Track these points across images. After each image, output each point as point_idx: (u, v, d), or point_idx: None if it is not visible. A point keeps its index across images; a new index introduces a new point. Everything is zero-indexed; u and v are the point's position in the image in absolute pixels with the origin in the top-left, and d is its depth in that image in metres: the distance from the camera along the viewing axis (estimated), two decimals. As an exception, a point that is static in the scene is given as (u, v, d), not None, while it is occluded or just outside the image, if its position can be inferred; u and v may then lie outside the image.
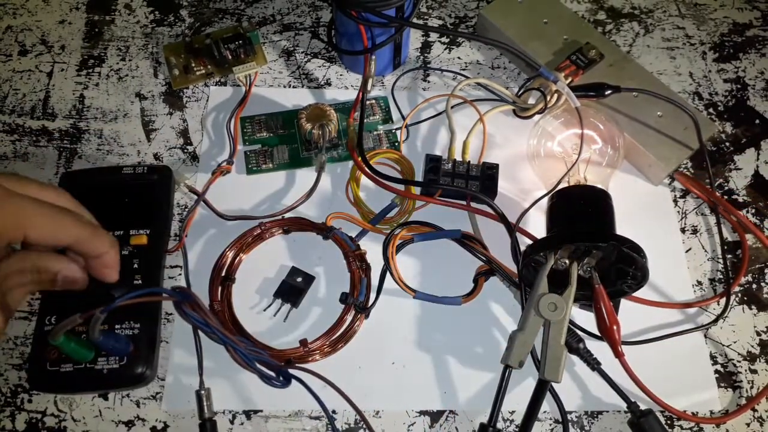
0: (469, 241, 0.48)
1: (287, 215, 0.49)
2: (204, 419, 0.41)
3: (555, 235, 0.44)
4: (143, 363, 0.41)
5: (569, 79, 0.52)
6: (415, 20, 0.54)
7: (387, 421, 0.44)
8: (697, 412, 0.45)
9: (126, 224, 0.45)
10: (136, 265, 0.43)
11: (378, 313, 0.46)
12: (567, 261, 0.43)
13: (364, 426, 0.42)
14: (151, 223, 0.45)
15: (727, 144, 0.57)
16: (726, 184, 0.55)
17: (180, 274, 0.47)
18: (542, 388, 0.41)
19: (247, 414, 0.43)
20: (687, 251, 0.51)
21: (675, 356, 0.47)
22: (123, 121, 0.54)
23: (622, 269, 0.43)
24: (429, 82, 0.58)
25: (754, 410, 0.46)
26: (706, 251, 0.51)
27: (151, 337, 0.42)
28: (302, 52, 0.59)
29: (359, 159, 0.49)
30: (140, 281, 0.43)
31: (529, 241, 0.48)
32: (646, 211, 0.52)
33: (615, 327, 0.42)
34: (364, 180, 0.51)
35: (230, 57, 0.55)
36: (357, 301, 0.45)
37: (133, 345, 0.41)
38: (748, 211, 0.53)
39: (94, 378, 0.40)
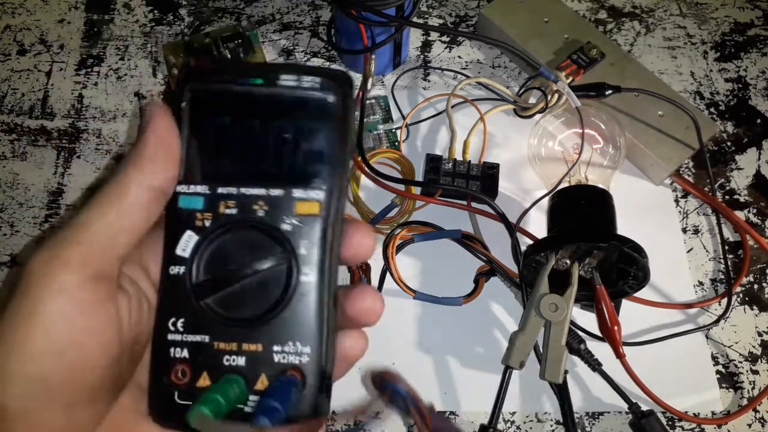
0: (469, 241, 0.48)
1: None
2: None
3: (556, 235, 0.44)
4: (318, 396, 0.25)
5: (570, 79, 0.52)
6: (415, 19, 0.54)
7: (387, 421, 0.43)
8: (699, 413, 0.45)
9: (288, 178, 0.25)
10: (304, 250, 0.24)
11: (378, 313, 0.46)
12: (568, 261, 0.43)
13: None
14: (326, 181, 0.25)
15: (729, 143, 0.56)
16: (727, 183, 0.55)
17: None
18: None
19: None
20: (688, 251, 0.51)
21: (676, 357, 0.46)
22: (122, 121, 0.54)
23: (624, 269, 0.43)
24: (429, 81, 0.58)
25: (756, 411, 0.45)
26: (707, 251, 0.51)
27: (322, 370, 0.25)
28: (302, 51, 0.58)
29: (359, 159, 0.49)
30: (312, 278, 0.24)
31: (530, 241, 0.48)
32: (648, 211, 0.52)
33: (616, 327, 0.42)
34: (364, 180, 0.51)
35: (230, 56, 0.55)
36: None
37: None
38: (749, 211, 0.53)
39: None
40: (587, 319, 0.46)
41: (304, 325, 0.24)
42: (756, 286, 0.50)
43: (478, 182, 0.49)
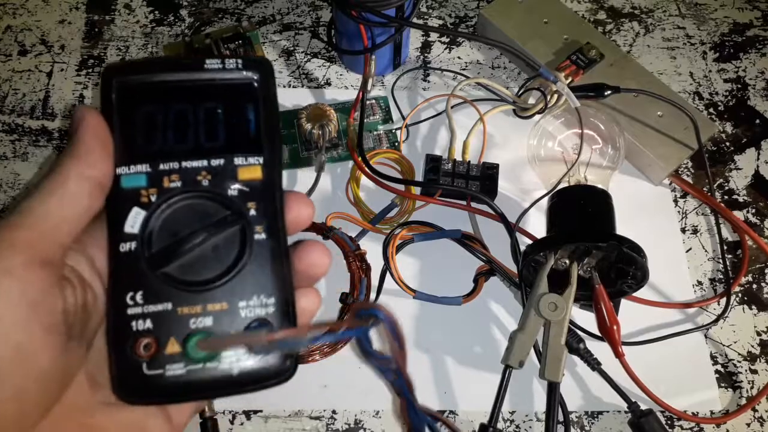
0: (469, 241, 0.48)
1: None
2: (205, 418, 0.41)
3: (555, 235, 0.44)
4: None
5: (569, 79, 0.52)
6: (415, 20, 0.54)
7: (387, 421, 0.44)
8: (698, 412, 0.45)
9: (226, 148, 0.26)
10: (253, 212, 0.26)
11: (378, 313, 0.46)
12: (567, 261, 0.43)
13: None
14: (263, 147, 0.27)
15: (728, 144, 0.57)
16: (726, 184, 0.55)
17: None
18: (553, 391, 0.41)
19: (247, 414, 0.43)
20: (687, 251, 0.51)
21: (675, 356, 0.47)
22: (123, 121, 0.54)
23: (623, 269, 0.43)
24: (429, 81, 0.58)
25: (755, 410, 0.46)
26: (706, 251, 0.51)
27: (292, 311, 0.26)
28: (302, 52, 0.59)
29: (359, 159, 0.49)
30: (263, 234, 0.26)
31: (529, 241, 0.48)
32: (647, 211, 0.52)
33: (615, 327, 0.42)
34: (364, 180, 0.51)
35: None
36: (357, 301, 0.45)
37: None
38: (748, 211, 0.53)
39: (218, 381, 0.25)
40: (586, 319, 0.46)
41: (265, 279, 0.25)
42: (755, 286, 0.50)
43: (477, 182, 0.49)
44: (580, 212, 0.44)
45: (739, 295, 0.50)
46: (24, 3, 0.60)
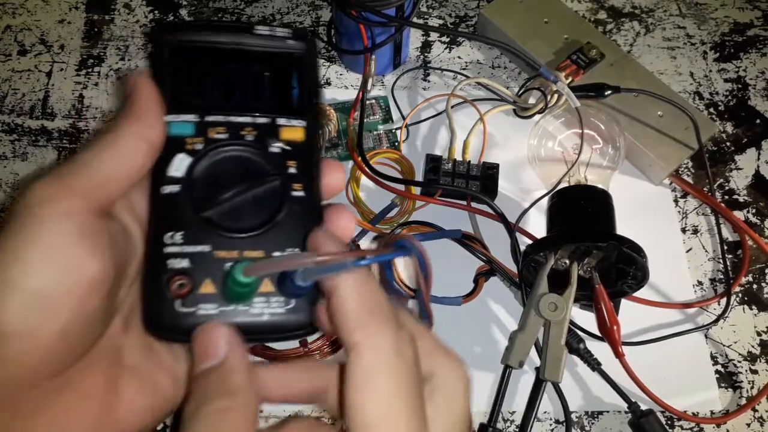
0: (469, 241, 0.48)
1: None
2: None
3: (555, 235, 0.44)
4: (311, 306, 0.26)
5: (570, 79, 0.52)
6: (415, 20, 0.54)
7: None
8: (698, 413, 0.45)
9: (270, 109, 0.28)
10: (293, 170, 0.27)
11: (378, 313, 0.46)
12: (567, 261, 0.43)
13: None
14: (305, 112, 0.28)
15: (728, 144, 0.57)
16: (726, 184, 0.55)
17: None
18: (538, 387, 0.41)
19: (247, 414, 0.43)
20: (687, 251, 0.51)
21: (675, 356, 0.47)
22: (122, 121, 0.54)
23: (623, 269, 0.43)
24: (429, 81, 0.58)
25: (755, 410, 0.46)
26: (706, 251, 0.51)
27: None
28: (302, 52, 0.58)
29: (359, 159, 0.49)
30: (301, 192, 0.27)
31: (530, 241, 0.48)
32: (647, 211, 0.52)
33: (615, 327, 0.42)
34: (364, 180, 0.51)
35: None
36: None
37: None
38: (748, 211, 0.53)
39: (247, 325, 0.25)
40: (586, 319, 0.46)
41: (299, 233, 0.26)
42: (755, 286, 0.50)
43: (477, 182, 0.49)
44: (581, 212, 0.44)
45: (740, 295, 0.50)
46: (24, 3, 0.60)
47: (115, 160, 0.23)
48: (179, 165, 0.25)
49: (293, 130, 0.28)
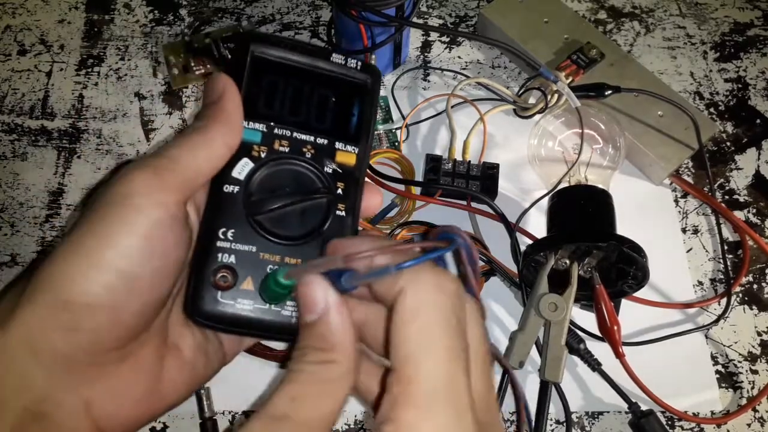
0: (469, 241, 0.48)
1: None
2: (204, 419, 0.41)
3: (555, 235, 0.44)
4: None
5: (570, 79, 0.52)
6: (415, 19, 0.54)
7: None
8: (698, 413, 0.45)
9: (331, 132, 0.31)
10: (340, 191, 0.30)
11: (378, 313, 0.46)
12: (567, 261, 0.43)
13: None
14: (359, 140, 0.31)
15: (728, 144, 0.56)
16: (727, 184, 0.55)
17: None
18: (545, 390, 0.41)
19: (247, 414, 0.43)
20: (688, 251, 0.51)
21: (676, 357, 0.46)
22: (122, 121, 0.54)
23: (623, 269, 0.43)
24: (429, 81, 0.58)
25: (755, 410, 0.45)
26: (707, 251, 0.51)
27: None
28: (302, 52, 0.58)
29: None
30: (343, 212, 0.30)
31: (530, 241, 0.48)
32: (647, 211, 0.52)
33: (615, 327, 0.42)
34: (364, 180, 0.51)
35: (230, 56, 0.55)
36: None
37: None
38: (749, 211, 0.53)
39: (276, 324, 0.28)
40: (586, 319, 0.46)
41: None
42: (755, 286, 0.50)
43: (477, 182, 0.49)
44: (581, 212, 0.44)
45: (740, 295, 0.50)
46: (23, 3, 0.60)
47: (204, 159, 0.26)
48: (242, 168, 0.28)
49: (347, 155, 0.30)
